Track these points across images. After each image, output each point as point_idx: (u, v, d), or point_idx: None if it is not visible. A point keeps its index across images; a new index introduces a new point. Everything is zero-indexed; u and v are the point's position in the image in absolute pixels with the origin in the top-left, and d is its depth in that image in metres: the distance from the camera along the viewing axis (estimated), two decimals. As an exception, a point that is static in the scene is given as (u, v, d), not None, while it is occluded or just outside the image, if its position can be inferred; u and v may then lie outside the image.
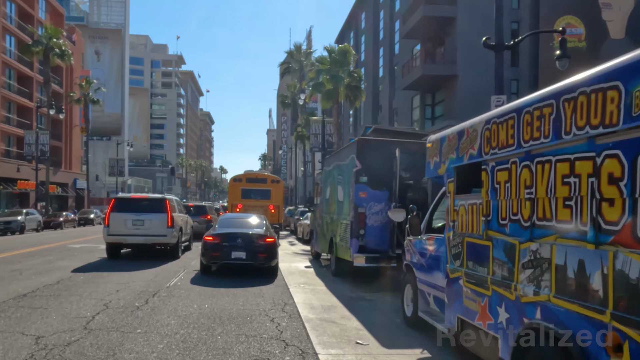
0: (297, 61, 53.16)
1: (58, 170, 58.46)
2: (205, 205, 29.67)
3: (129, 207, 16.26)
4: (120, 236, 15.94)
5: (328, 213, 14.56)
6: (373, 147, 11.49)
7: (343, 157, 12.87)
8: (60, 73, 59.55)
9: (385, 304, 9.54)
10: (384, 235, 11.31)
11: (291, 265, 15.59)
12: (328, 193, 14.86)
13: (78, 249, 19.94)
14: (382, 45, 45.93)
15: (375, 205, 11.33)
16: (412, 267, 7.65)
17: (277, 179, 29.25)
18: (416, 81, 31.37)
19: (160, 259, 15.91)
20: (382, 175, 11.35)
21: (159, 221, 16.03)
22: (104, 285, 11.01)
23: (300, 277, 13.10)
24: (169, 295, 9.92)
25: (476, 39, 30.92)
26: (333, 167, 14.27)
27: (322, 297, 10.23)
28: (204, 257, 12.76)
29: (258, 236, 12.78)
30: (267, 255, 12.63)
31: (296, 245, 24.27)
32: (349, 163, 11.99)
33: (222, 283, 11.62)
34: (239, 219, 14.80)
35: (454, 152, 6.01)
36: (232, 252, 12.45)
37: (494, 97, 12.02)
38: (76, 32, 67.03)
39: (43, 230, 37.39)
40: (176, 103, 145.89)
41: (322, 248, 15.67)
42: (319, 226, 16.42)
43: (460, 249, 5.77)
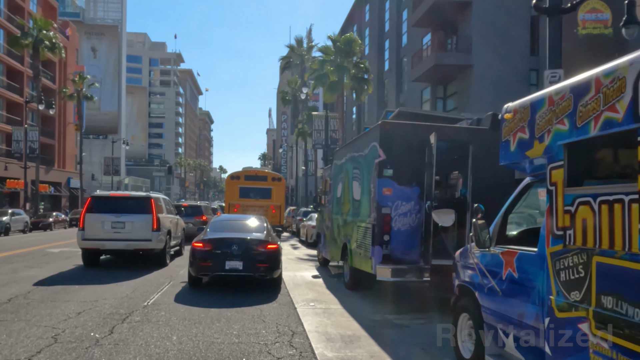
0: (298, 55, 51.05)
1: (51, 169, 56.35)
2: (201, 205, 27.39)
3: (107, 208, 14.05)
4: (97, 241, 13.73)
5: (340, 214, 12.38)
6: (400, 132, 9.31)
7: (360, 146, 10.68)
8: (52, 68, 57.43)
9: (423, 334, 7.34)
10: (414, 241, 9.13)
11: (296, 274, 13.41)
12: (340, 191, 12.68)
13: (56, 254, 17.76)
14: (387, 37, 43.74)
15: (402, 204, 9.15)
16: (473, 291, 5.48)
17: (278, 176, 26.97)
18: (427, 72, 29.17)
19: (144, 267, 13.74)
20: (411, 168, 9.18)
21: (142, 223, 13.84)
22: (65, 305, 8.81)
23: (309, 290, 10.92)
24: (143, 321, 7.73)
25: (493, 26, 28.88)
26: (346, 160, 12.09)
27: (339, 321, 8.04)
28: (193, 268, 10.55)
29: (258, 242, 10.57)
30: (268, 265, 10.41)
31: (300, 249, 22.10)
32: (369, 153, 9.81)
33: (214, 301, 9.44)
34: (235, 221, 12.56)
35: (566, 120, 3.83)
36: (227, 261, 10.20)
37: (549, 72, 9.84)
38: (70, 26, 64.89)
39: (31, 231, 35.28)
40: (175, 102, 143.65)
41: (332, 255, 13.49)
42: (327, 229, 14.25)
43: (581, 275, 3.60)
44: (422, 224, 9.10)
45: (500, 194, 9.36)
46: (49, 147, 57.25)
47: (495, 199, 9.31)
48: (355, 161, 10.99)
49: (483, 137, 9.31)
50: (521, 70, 27.72)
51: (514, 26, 27.72)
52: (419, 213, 9.16)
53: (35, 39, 43.24)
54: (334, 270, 14.48)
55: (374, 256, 9.15)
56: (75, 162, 63.58)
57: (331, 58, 30.97)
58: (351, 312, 8.73)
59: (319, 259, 15.92)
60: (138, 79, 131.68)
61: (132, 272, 12.86)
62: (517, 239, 5.19)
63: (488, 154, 9.25)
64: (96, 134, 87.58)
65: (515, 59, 27.46)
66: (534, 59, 28.22)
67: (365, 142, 10.20)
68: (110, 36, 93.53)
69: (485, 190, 9.13)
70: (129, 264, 14.55)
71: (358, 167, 10.73)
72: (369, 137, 9.98)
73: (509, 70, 27.13)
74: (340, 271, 13.52)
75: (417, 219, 9.16)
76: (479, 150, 9.11)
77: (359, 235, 10.20)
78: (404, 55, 38.92)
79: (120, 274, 12.67)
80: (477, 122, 10.01)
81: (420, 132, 9.20)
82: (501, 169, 9.70)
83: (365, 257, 9.66)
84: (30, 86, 51.19)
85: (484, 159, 9.16)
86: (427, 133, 9.02)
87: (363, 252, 9.86)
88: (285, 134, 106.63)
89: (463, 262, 5.86)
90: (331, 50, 31.45)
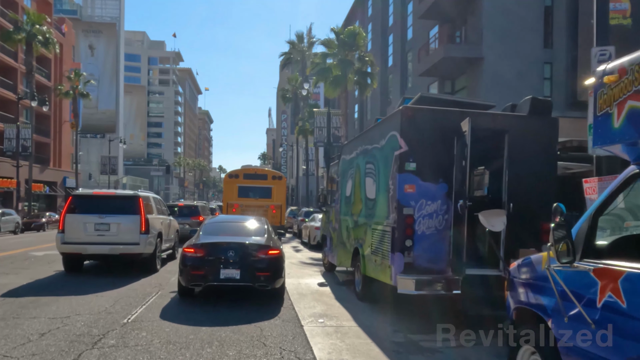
0: (299, 52, 49.66)
1: (46, 168, 55.01)
2: (198, 205, 26.03)
3: (90, 208, 12.69)
4: (79, 245, 12.35)
5: (350, 215, 11.03)
6: (425, 119, 7.95)
7: (375, 137, 9.31)
8: (48, 65, 56.04)
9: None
10: (441, 247, 7.78)
11: (300, 282, 12.06)
12: (349, 189, 11.33)
13: (39, 258, 16.40)
14: (391, 32, 42.34)
15: (427, 204, 7.78)
16: (544, 318, 4.12)
17: (279, 174, 25.31)
18: (435, 65, 27.75)
19: (131, 274, 12.44)
20: (437, 161, 7.84)
21: (129, 225, 12.49)
22: (29, 323, 7.44)
23: (316, 302, 9.56)
24: (118, 345, 6.37)
25: (505, 17, 27.50)
26: (357, 154, 10.74)
27: (356, 344, 6.68)
28: (183, 277, 9.20)
29: (258, 247, 9.26)
30: (270, 273, 9.08)
31: (302, 251, 20.75)
32: (387, 145, 8.45)
33: (206, 316, 8.09)
34: (232, 222, 11.13)
35: None
36: (222, 269, 8.89)
37: (597, 49, 8.47)
38: (66, 23, 63.48)
39: (23, 232, 33.99)
40: (174, 101, 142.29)
41: (340, 260, 12.13)
42: (334, 231, 12.89)
43: None
44: (450, 226, 7.75)
45: (540, 192, 8.06)
46: (44, 146, 55.89)
47: (534, 197, 8.01)
48: (369, 155, 9.64)
49: (521, 125, 7.98)
50: (534, 63, 26.34)
51: (526, 17, 26.36)
52: (446, 214, 7.81)
53: (28, 34, 41.93)
54: (342, 276, 13.13)
55: (394, 264, 7.79)
56: (72, 161, 62.28)
57: (334, 52, 29.61)
58: (368, 331, 7.37)
59: (324, 263, 14.58)
60: (137, 78, 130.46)
61: (117, 280, 11.53)
62: (610, 251, 3.84)
63: (526, 144, 7.93)
64: (94, 132, 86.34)
65: (528, 51, 26.10)
66: (548, 51, 26.86)
67: (382, 132, 8.84)
68: (108, 34, 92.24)
69: (523, 188, 7.81)
70: (116, 269, 13.27)
71: (372, 161, 9.37)
72: (387, 126, 8.62)
73: (522, 64, 25.76)
74: (349, 277, 12.19)
75: (445, 221, 7.81)
76: (516, 140, 7.78)
77: (375, 240, 8.84)
78: (409, 50, 37.55)
79: (104, 281, 11.35)
80: (511, 108, 8.66)
81: (449, 118, 7.85)
82: (541, 163, 8.39)
83: (383, 265, 8.30)
84: (25, 83, 49.80)
85: (521, 150, 7.84)
86: (457, 120, 7.67)
87: (380, 260, 8.50)
88: (285, 134, 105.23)
89: (526, 277, 4.50)
90: (334, 44, 30.09)
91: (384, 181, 8.54)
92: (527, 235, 7.57)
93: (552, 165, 8.21)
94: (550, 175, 8.01)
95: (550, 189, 7.92)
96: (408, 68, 38.28)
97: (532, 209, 7.70)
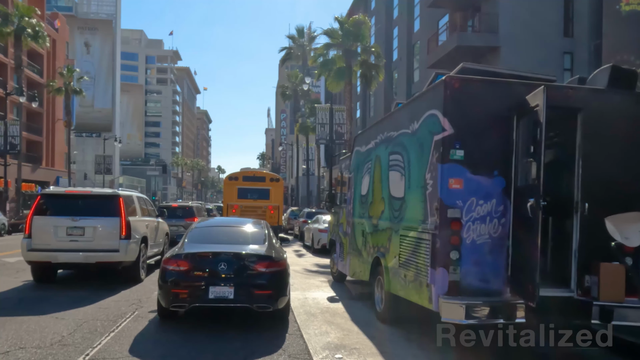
0: (299, 46, 47.77)
1: (37, 167, 53.17)
2: (193, 206, 24.10)
3: (62, 209, 10.83)
4: (48, 252, 10.49)
5: (367, 217, 9.19)
6: (477, 92, 6.10)
7: (403, 121, 7.45)
8: (40, 61, 54.22)
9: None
10: (497, 261, 5.94)
11: (307, 296, 10.21)
12: (365, 186, 9.49)
13: (9, 265, 14.55)
14: (396, 25, 40.52)
15: (479, 204, 5.94)
16: None
17: (276, 177, 26.00)
18: (448, 55, 25.89)
19: (109, 285, 10.64)
20: (492, 148, 6.02)
21: (107, 229, 10.68)
22: (-50, 362, 5.61)
23: (328, 326, 7.70)
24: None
25: (522, 4, 25.66)
26: (376, 144, 8.90)
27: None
28: (162, 296, 7.35)
29: (256, 258, 7.37)
30: (272, 292, 7.26)
31: (306, 256, 18.89)
32: (423, 127, 6.59)
33: (188, 351, 6.23)
34: (224, 227, 9.10)
35: None
36: (211, 287, 7.05)
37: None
38: (59, 18, 61.60)
39: (11, 233, 32.21)
40: (172, 100, 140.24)
41: (353, 270, 10.27)
42: (345, 236, 11.04)
43: None
44: (509, 233, 5.92)
45: (625, 188, 6.25)
46: (36, 144, 54.05)
47: (616, 195, 6.20)
48: (394, 143, 7.78)
49: (600, 101, 6.12)
50: (554, 53, 24.52)
51: (545, 4, 24.56)
52: (503, 217, 5.98)
53: (17, 27, 40.04)
54: (355, 288, 11.28)
55: (435, 284, 5.94)
56: (66, 161, 60.43)
57: (339, 41, 27.72)
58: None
59: (333, 272, 12.74)
60: (134, 77, 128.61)
61: (91, 293, 9.77)
62: None
63: (604, 125, 6.08)
64: (90, 131, 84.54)
65: (547, 40, 24.29)
66: (568, 40, 25.05)
67: (414, 113, 6.98)
68: (104, 31, 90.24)
69: (602, 183, 5.96)
70: (94, 279, 11.56)
71: (399, 151, 7.52)
72: (422, 104, 6.76)
73: (540, 53, 23.92)
74: (364, 289, 10.37)
75: (501, 226, 5.97)
76: (593, 120, 5.94)
77: (405, 250, 6.98)
78: (416, 42, 35.74)
79: (74, 296, 9.54)
80: (579, 81, 6.83)
81: (508, 92, 6.02)
82: (627, 150, 6.55)
83: (418, 283, 6.45)
84: (16, 80, 47.93)
85: (599, 133, 6.00)
86: (519, 93, 5.85)
87: (412, 275, 6.65)
88: (285, 133, 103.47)
89: None
90: (338, 34, 28.20)
91: (418, 175, 6.69)
92: (607, 245, 5.74)
93: (638, 150, 6.34)
94: (639, 167, 6.15)
95: (638, 184, 6.08)
96: (415, 61, 36.48)
97: (615, 210, 5.85)
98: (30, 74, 51.49)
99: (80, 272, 12.41)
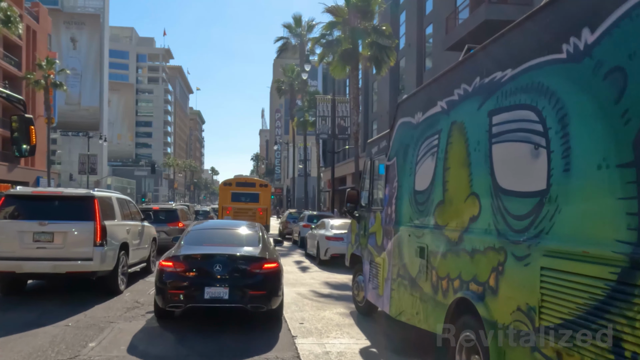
0: (297, 35, 44.28)
1: (15, 167, 49.65)
2: (176, 209, 20.24)
3: (29, 211, 9.48)
4: (11, 261, 8.97)
5: (431, 226, 5.59)
6: None
7: (542, 39, 3.83)
8: (18, 53, 50.67)
9: None
10: None
11: (326, 348, 6.56)
12: (427, 176, 5.86)
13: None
14: (404, 9, 37.15)
15: None
16: None
17: (265, 183, 30.19)
18: (472, 33, 22.37)
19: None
20: None
21: (79, 235, 9.16)
22: None
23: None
24: None
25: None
26: (453, 103, 5.30)
27: None
28: (160, 297, 7.48)
29: (250, 260, 7.64)
30: (266, 292, 7.48)
31: (310, 270, 15.05)
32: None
33: None
34: (220, 229, 9.52)
35: None
36: (207, 287, 7.29)
37: None
38: (40, 8, 57.76)
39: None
40: (164, 100, 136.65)
41: (400, 309, 6.61)
42: (380, 252, 7.43)
43: None
44: None
45: None
46: (14, 143, 50.36)
47: None
48: (509, 91, 4.15)
49: None
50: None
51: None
52: None
53: (-17, 11, 36.36)
54: (392, 327, 7.58)
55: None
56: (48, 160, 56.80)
57: (345, 18, 24.15)
58: None
59: (358, 300, 9.03)
60: (124, 75, 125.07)
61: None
62: None
63: None
64: (76, 130, 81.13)
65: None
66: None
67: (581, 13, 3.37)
68: (92, 26, 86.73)
69: None
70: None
71: (529, 102, 3.91)
72: None
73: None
74: (405, 333, 6.78)
75: None
76: None
77: (553, 298, 3.36)
78: (428, 25, 32.24)
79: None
80: None
81: None
82: None
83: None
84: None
85: None
86: None
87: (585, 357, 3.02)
88: (279, 133, 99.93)
89: None
90: (343, 11, 24.74)
91: (602, 144, 3.08)
92: None
93: None
94: None
95: None
96: (426, 47, 32.98)
97: None
98: (6, 66, 47.97)
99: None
